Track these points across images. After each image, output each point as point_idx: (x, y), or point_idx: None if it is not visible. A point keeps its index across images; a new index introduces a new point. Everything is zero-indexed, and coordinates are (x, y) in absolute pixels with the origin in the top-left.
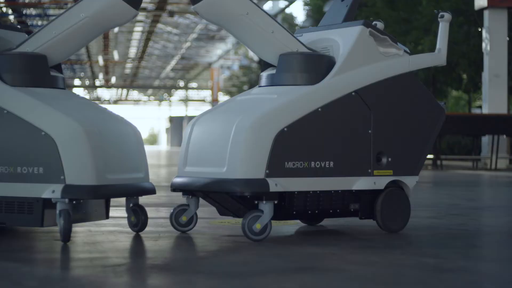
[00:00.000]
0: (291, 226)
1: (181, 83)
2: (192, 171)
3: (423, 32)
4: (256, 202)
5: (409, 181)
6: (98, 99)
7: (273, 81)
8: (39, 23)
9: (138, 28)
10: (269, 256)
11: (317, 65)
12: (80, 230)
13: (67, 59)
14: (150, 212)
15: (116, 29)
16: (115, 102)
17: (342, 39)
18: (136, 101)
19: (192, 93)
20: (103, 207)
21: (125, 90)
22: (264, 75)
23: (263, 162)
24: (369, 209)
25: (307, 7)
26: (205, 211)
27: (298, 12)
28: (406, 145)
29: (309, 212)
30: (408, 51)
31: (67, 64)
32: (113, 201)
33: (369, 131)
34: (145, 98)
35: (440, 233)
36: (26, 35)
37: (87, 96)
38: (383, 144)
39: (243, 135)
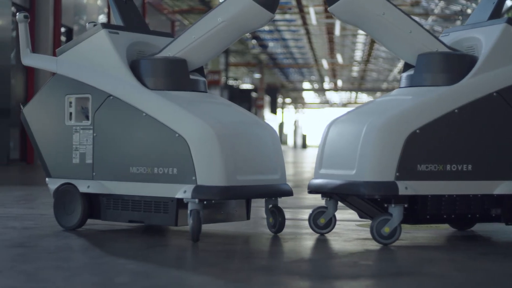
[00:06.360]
0: (439, 231)
1: None
2: (326, 173)
3: None
4: (385, 205)
5: None
6: (327, 102)
7: (411, 82)
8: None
9: (362, 32)
10: (381, 260)
11: (456, 65)
12: (217, 230)
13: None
14: (303, 214)
15: (337, 32)
16: (344, 105)
17: (485, 38)
18: None
19: None
20: (244, 208)
21: (353, 93)
22: (404, 76)
23: (393, 164)
24: None
25: None
26: (354, 212)
27: None
28: None
29: (445, 216)
30: None
31: (294, 68)
32: (256, 201)
33: None
34: None
35: None
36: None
37: (317, 100)
38: None
39: (373, 137)
